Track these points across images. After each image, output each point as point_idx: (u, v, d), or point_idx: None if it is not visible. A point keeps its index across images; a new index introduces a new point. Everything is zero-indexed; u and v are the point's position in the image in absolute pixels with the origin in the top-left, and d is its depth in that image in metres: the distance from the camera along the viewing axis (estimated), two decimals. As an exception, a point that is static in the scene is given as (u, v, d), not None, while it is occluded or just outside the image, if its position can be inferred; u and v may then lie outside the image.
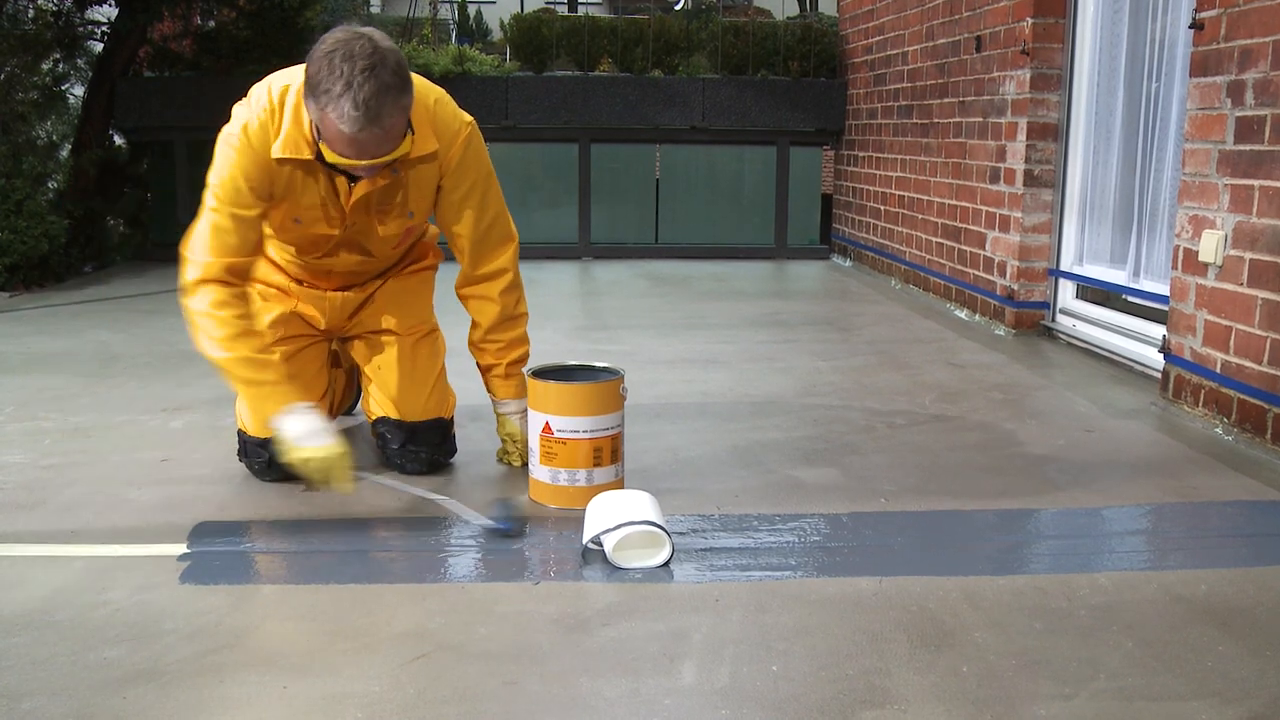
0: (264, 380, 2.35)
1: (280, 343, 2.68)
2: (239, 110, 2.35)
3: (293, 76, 2.31)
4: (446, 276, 2.80)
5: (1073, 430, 3.18)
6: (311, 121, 2.25)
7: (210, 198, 2.34)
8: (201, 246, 2.35)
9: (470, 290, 2.66)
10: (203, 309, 2.33)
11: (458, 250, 2.63)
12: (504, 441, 2.79)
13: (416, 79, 2.34)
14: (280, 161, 2.32)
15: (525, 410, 2.59)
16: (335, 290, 2.71)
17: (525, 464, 2.63)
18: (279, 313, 2.69)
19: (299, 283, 2.71)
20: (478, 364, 2.75)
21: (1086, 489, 2.67)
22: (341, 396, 3.03)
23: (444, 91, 2.50)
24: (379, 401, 2.70)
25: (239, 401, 2.69)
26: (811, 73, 7.24)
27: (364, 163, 2.23)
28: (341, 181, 2.39)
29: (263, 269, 2.70)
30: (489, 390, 2.76)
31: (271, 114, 2.31)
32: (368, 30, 2.19)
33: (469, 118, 2.50)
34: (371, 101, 2.11)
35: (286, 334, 2.69)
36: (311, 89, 2.15)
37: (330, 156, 2.23)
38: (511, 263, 2.66)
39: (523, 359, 2.72)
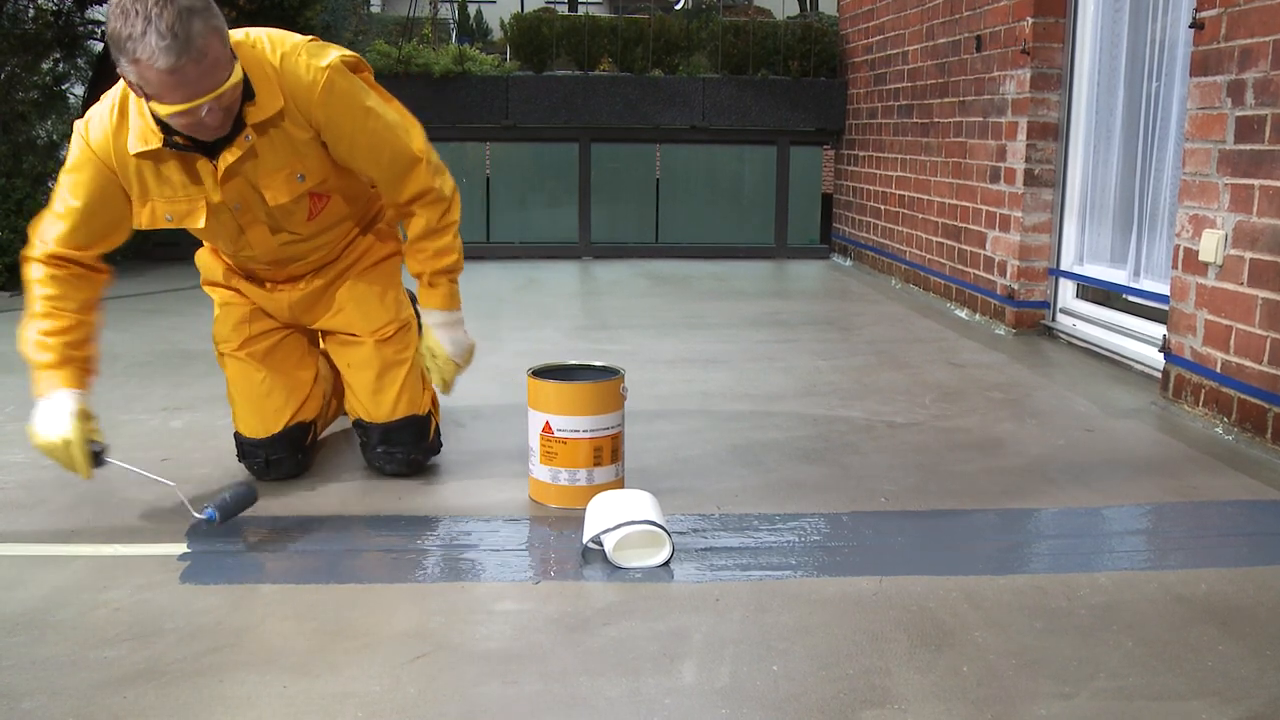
0: (38, 362, 2.35)
1: (254, 340, 2.68)
2: (87, 115, 2.33)
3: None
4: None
5: (1073, 430, 3.18)
6: (132, 84, 2.11)
7: (54, 196, 2.37)
8: (47, 230, 2.38)
9: (398, 214, 2.60)
10: (28, 284, 2.39)
11: (373, 186, 2.58)
12: (423, 356, 2.66)
13: (256, 38, 2.28)
14: (138, 157, 2.28)
15: (451, 324, 2.59)
16: (284, 283, 2.65)
17: (447, 388, 2.66)
18: (242, 312, 2.68)
19: (248, 280, 2.67)
20: (409, 272, 2.66)
21: (1087, 488, 2.67)
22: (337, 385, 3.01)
23: (298, 41, 2.34)
24: (352, 403, 2.68)
25: (232, 409, 2.70)
26: (812, 72, 7.24)
27: (200, 101, 2.07)
28: (202, 166, 2.31)
29: (216, 271, 2.69)
30: (418, 300, 2.68)
31: (111, 114, 2.28)
32: None
33: (327, 60, 2.32)
34: (177, 26, 1.99)
35: (254, 332, 2.68)
36: (117, 45, 2.03)
37: (164, 110, 2.10)
38: (427, 180, 2.49)
39: (450, 269, 2.60)
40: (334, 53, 2.35)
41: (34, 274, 2.38)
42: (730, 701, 1.67)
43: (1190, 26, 3.38)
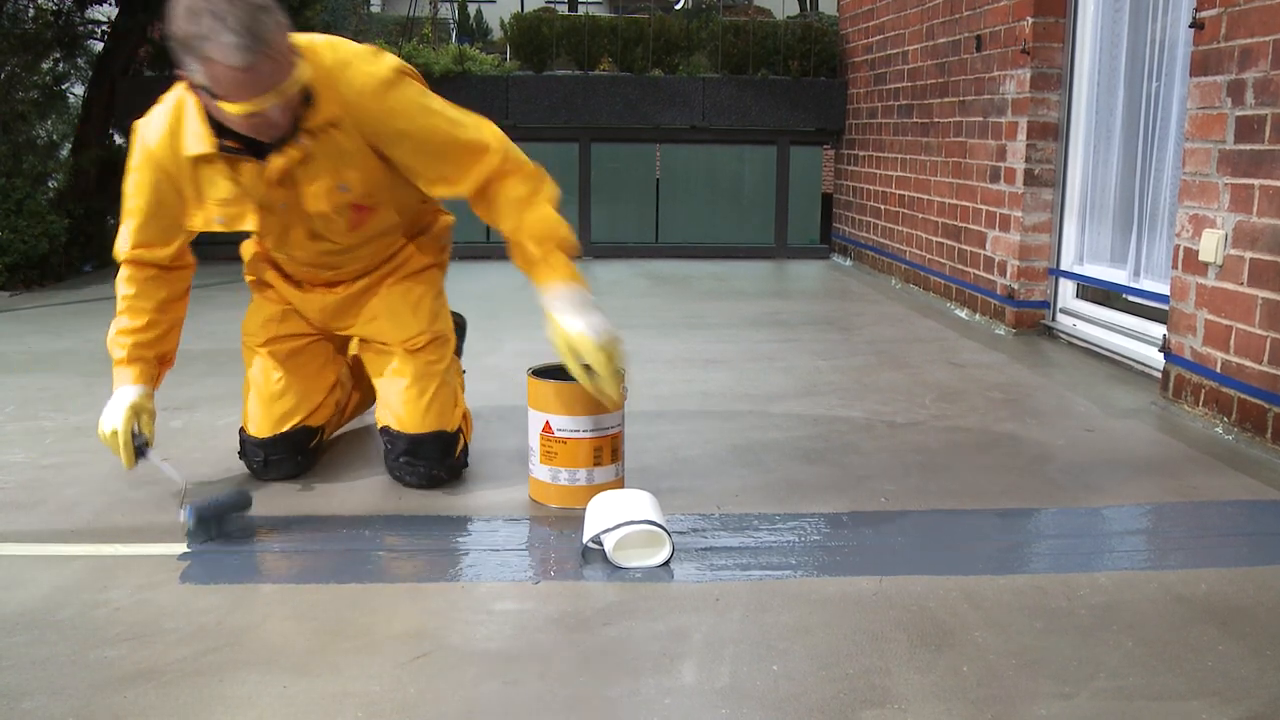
0: (113, 359, 2.50)
1: (279, 340, 2.68)
2: (147, 117, 2.35)
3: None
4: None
5: (1073, 430, 3.18)
6: (201, 96, 2.13)
7: (123, 196, 2.43)
8: (123, 231, 2.47)
9: (483, 207, 2.47)
10: (118, 295, 2.52)
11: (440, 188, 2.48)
12: (565, 357, 2.34)
13: (312, 42, 2.27)
14: (194, 160, 2.30)
15: (583, 305, 2.32)
16: (320, 287, 2.66)
17: (616, 396, 2.34)
18: (272, 310, 2.69)
19: (286, 279, 2.68)
20: (519, 267, 2.49)
21: (1087, 488, 2.67)
22: (363, 396, 3.02)
23: (355, 49, 2.32)
24: (381, 410, 2.66)
25: (244, 404, 2.70)
26: (812, 72, 7.24)
27: (269, 97, 2.07)
28: (251, 169, 2.30)
29: (257, 265, 2.71)
30: (538, 289, 2.45)
31: (169, 118, 2.29)
32: None
33: (383, 68, 2.30)
34: (249, 21, 1.99)
35: (281, 333, 2.68)
36: (185, 47, 2.03)
37: (234, 109, 2.09)
38: (498, 161, 2.40)
39: (564, 242, 2.42)
40: (390, 60, 2.34)
41: (119, 274, 2.52)
42: (730, 701, 1.67)
43: (1190, 26, 3.38)
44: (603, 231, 7.42)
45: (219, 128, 2.24)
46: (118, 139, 6.96)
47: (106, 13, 6.63)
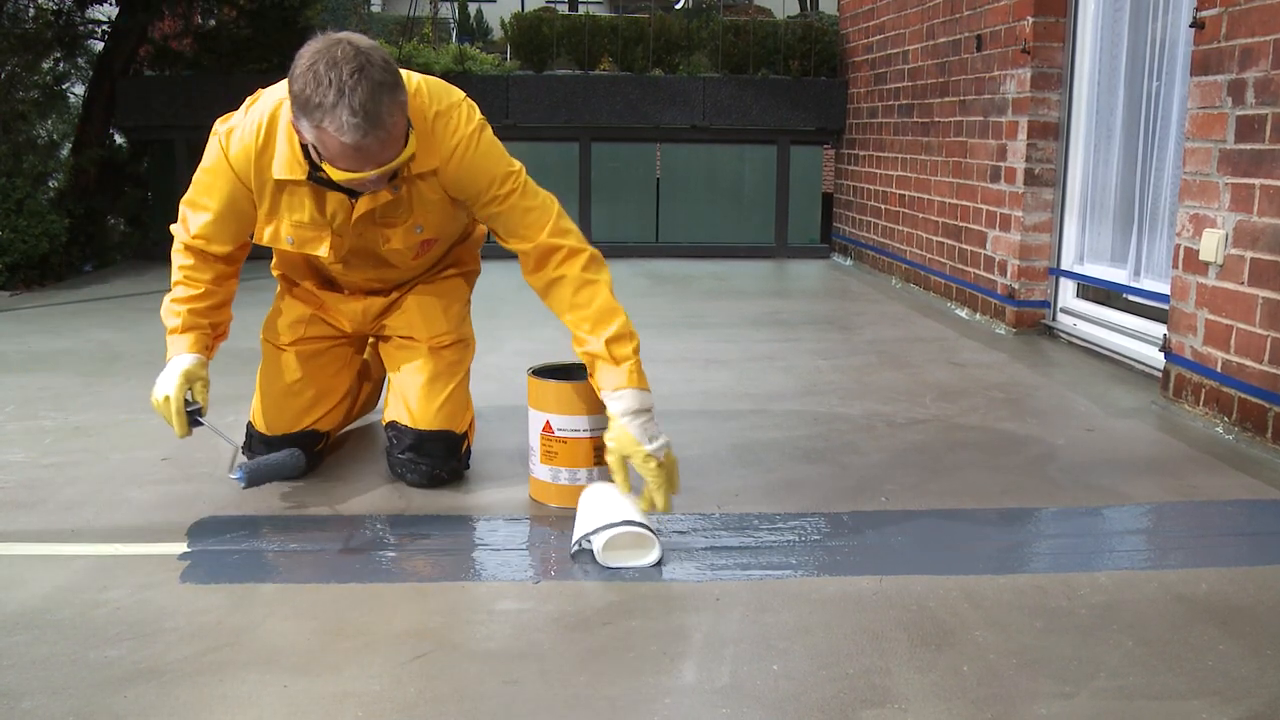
0: (168, 327, 2.51)
1: (305, 342, 2.69)
2: (230, 122, 2.35)
3: (284, 92, 2.21)
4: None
5: (1073, 429, 3.18)
6: (307, 142, 2.15)
7: (192, 185, 2.44)
8: (188, 217, 2.48)
9: (535, 280, 2.46)
10: (174, 265, 2.53)
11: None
12: (614, 465, 2.25)
13: (418, 85, 2.29)
14: (278, 184, 2.32)
15: (642, 411, 2.23)
16: (362, 295, 2.69)
17: (665, 501, 2.23)
18: (302, 312, 2.70)
19: (326, 286, 2.71)
20: (587, 368, 2.38)
21: (1087, 488, 2.67)
22: (366, 398, 3.04)
23: (454, 100, 2.35)
24: (393, 405, 2.66)
25: (254, 398, 2.71)
26: (812, 72, 7.24)
27: (371, 173, 2.12)
28: (336, 199, 2.34)
29: (294, 268, 2.71)
30: (597, 388, 2.34)
31: (257, 134, 2.29)
32: (344, 34, 2.09)
33: (469, 127, 2.34)
34: (369, 104, 2.01)
35: (308, 334, 2.70)
36: (302, 107, 2.04)
37: (336, 175, 2.12)
38: (555, 234, 2.39)
39: (623, 336, 2.34)
40: (478, 119, 2.37)
41: (175, 249, 2.52)
42: (730, 701, 1.67)
43: (1191, 26, 3.38)
44: (603, 231, 7.41)
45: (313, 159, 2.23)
46: (118, 139, 6.97)
47: (107, 12, 6.64)
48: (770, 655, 1.81)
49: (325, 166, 2.14)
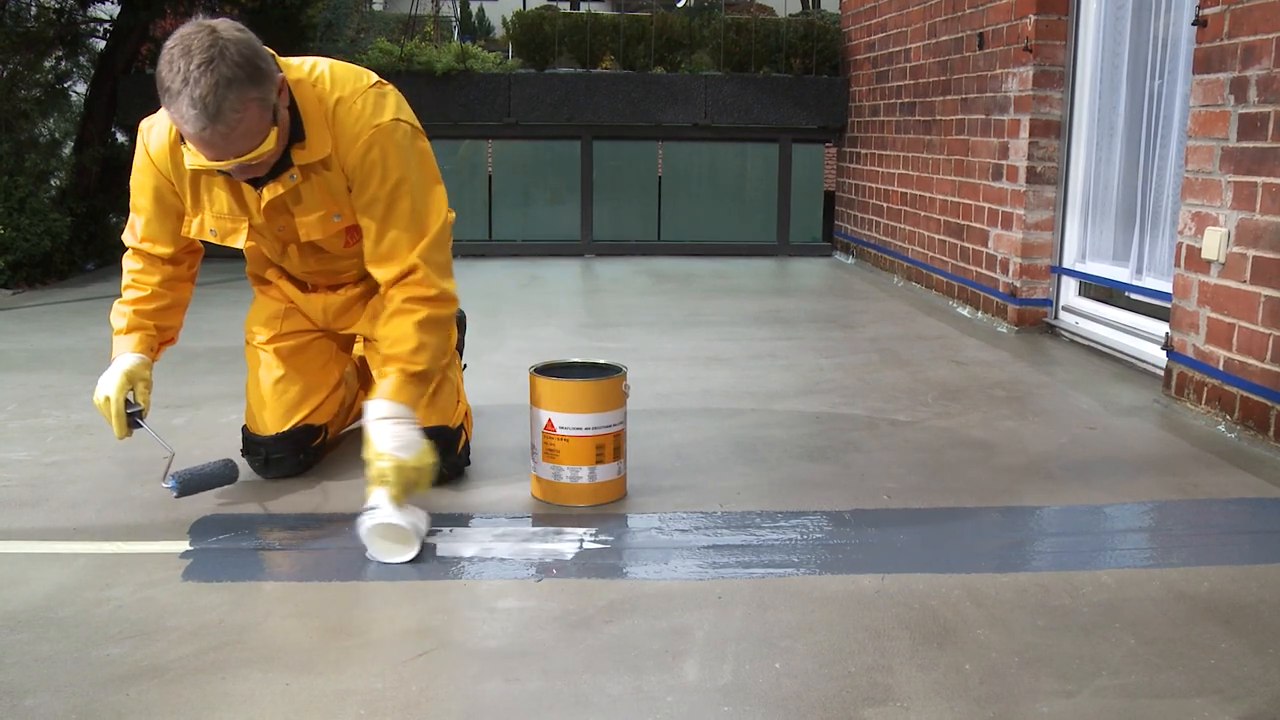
0: (114, 329, 2.50)
1: (282, 338, 2.69)
2: (152, 119, 2.36)
3: None
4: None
5: (1075, 427, 3.18)
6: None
7: (130, 189, 2.46)
8: (132, 222, 2.51)
9: (382, 292, 2.40)
10: (124, 269, 2.54)
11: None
12: (369, 465, 2.22)
13: (319, 75, 2.27)
14: (194, 175, 2.32)
15: (398, 417, 2.23)
16: (323, 289, 2.67)
17: (399, 498, 2.20)
18: (276, 308, 2.70)
19: (289, 280, 2.69)
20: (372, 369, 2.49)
21: (1089, 486, 2.67)
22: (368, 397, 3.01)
23: (359, 87, 2.29)
24: None
25: (246, 397, 2.70)
26: (814, 70, 7.23)
27: (226, 164, 2.10)
28: (248, 189, 2.33)
29: (259, 265, 2.72)
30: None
31: (171, 127, 2.29)
32: (214, 22, 2.07)
33: (383, 119, 2.27)
34: (209, 97, 1.98)
35: (285, 330, 2.69)
36: (159, 90, 2.05)
37: (191, 161, 2.16)
38: (417, 273, 2.30)
39: (412, 369, 2.28)
40: (391, 110, 2.31)
41: (125, 257, 2.54)
42: (732, 699, 1.67)
43: (1193, 24, 3.37)
44: (605, 229, 7.42)
45: None
46: (120, 137, 6.97)
47: (109, 11, 6.63)
48: (772, 653, 1.81)
49: (185, 150, 2.17)
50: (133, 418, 2.41)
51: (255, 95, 2.06)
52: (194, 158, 2.15)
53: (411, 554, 2.18)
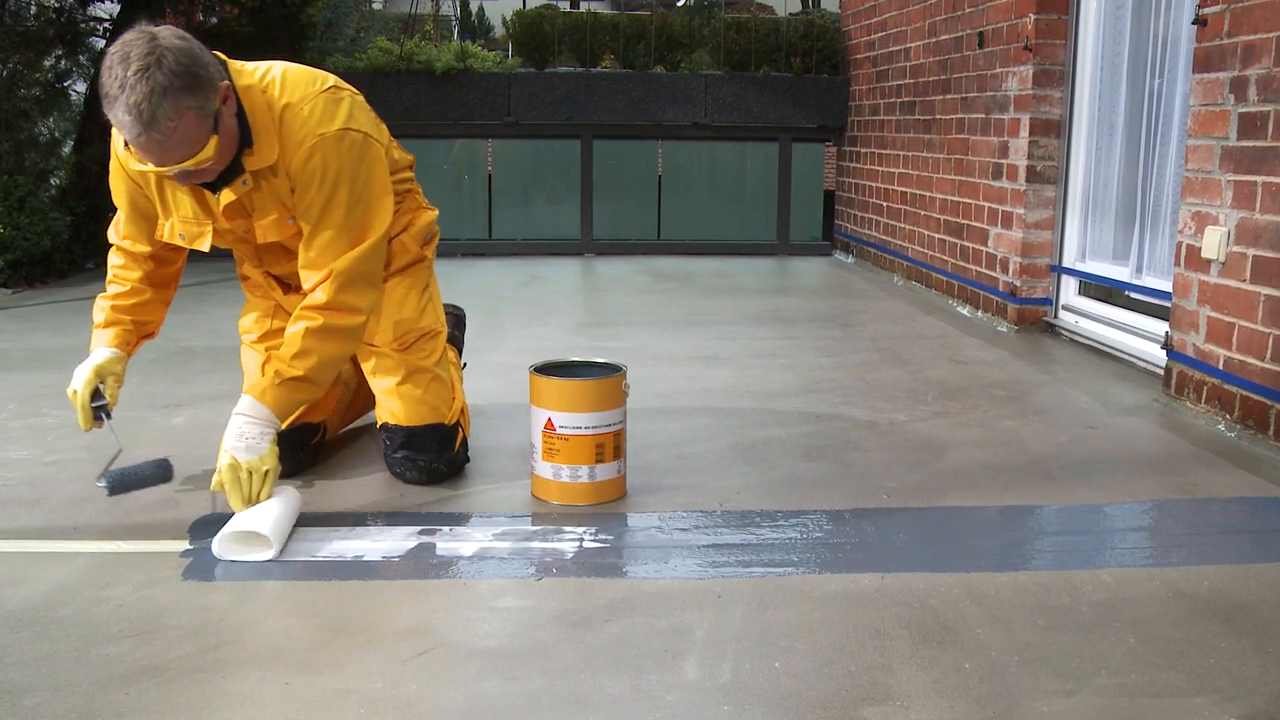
0: (93, 323, 2.55)
1: (275, 335, 2.69)
2: None
3: None
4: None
5: (1075, 427, 3.18)
6: None
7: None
8: (114, 225, 2.56)
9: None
10: (108, 266, 2.59)
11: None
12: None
13: (270, 80, 2.27)
14: (159, 179, 2.34)
15: (252, 418, 2.29)
16: (300, 292, 2.65)
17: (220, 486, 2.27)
18: (266, 306, 2.72)
19: (274, 280, 2.70)
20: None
21: (1089, 485, 2.67)
22: (368, 395, 3.00)
23: (309, 92, 2.31)
24: (380, 407, 2.66)
25: None
26: (814, 69, 7.23)
27: (167, 169, 2.12)
28: (210, 196, 2.35)
29: (243, 266, 2.73)
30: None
31: None
32: (155, 29, 2.08)
33: (329, 128, 2.29)
34: (144, 104, 2.00)
35: (274, 327, 2.70)
36: (101, 95, 2.06)
37: (131, 166, 2.19)
38: (332, 282, 2.33)
39: (288, 373, 2.32)
40: (342, 119, 2.32)
41: (109, 254, 2.58)
42: (732, 698, 1.67)
43: (1193, 23, 3.37)
44: (605, 228, 7.41)
45: None
46: (120, 136, 6.96)
47: (108, 9, 6.63)
48: (772, 652, 1.81)
49: (130, 155, 2.19)
50: (98, 411, 2.44)
51: (191, 103, 2.06)
52: (139, 162, 2.18)
53: (270, 554, 2.18)
